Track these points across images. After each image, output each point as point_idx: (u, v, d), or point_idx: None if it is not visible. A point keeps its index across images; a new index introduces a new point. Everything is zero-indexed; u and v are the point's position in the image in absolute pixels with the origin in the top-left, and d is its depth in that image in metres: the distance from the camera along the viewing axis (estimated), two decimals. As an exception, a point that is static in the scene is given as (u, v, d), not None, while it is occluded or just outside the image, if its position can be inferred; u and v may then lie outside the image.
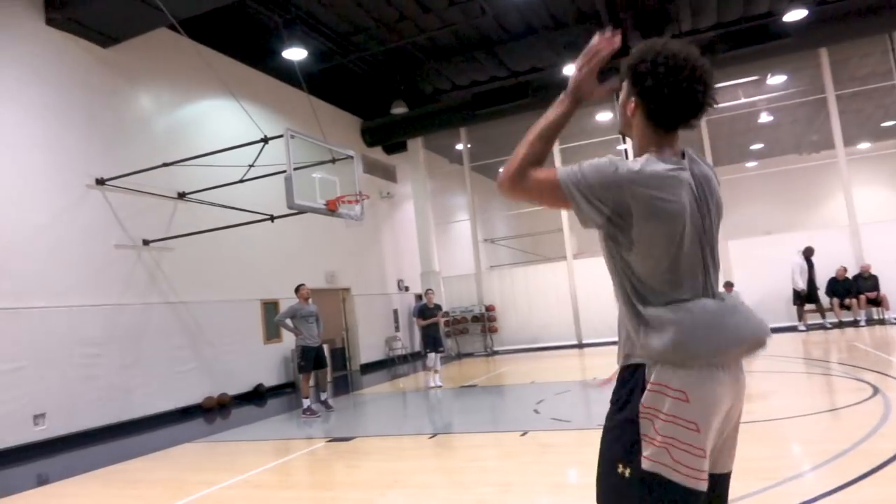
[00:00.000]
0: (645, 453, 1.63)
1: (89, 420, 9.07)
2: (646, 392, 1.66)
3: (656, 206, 1.63)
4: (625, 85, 1.79)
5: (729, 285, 14.58)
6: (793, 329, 14.05)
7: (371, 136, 17.65)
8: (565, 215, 16.61)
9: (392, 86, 16.19)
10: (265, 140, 9.15)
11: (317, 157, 9.87)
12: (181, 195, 11.11)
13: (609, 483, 1.71)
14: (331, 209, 9.28)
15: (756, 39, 13.94)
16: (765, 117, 18.03)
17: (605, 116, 17.07)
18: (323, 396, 9.42)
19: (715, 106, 1.72)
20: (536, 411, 7.46)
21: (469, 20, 13.87)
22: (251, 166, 9.65)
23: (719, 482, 1.82)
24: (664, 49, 1.69)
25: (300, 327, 9.20)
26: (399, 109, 15.97)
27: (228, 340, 11.88)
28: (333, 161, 10.04)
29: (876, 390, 6.43)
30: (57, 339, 8.84)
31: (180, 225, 11.04)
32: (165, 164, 10.15)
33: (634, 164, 1.67)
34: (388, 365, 16.55)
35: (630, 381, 1.72)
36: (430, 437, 6.57)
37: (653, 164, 1.66)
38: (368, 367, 15.99)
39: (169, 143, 11.14)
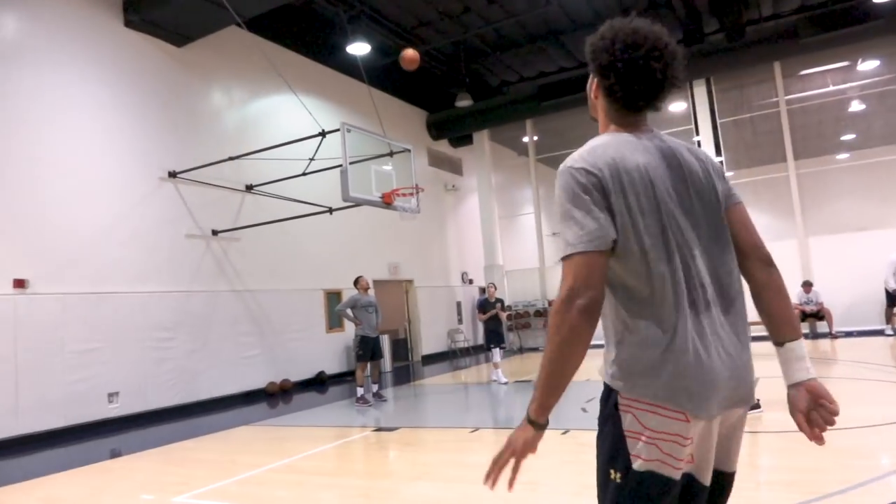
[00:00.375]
0: (632, 451, 1.53)
1: (158, 400, 9.61)
2: (621, 415, 1.56)
3: (620, 182, 1.56)
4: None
5: (808, 285, 13.75)
6: (880, 333, 13.10)
7: (437, 129, 17.72)
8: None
9: (457, 78, 16.19)
10: (322, 134, 9.36)
11: (377, 150, 10.01)
12: (249, 187, 11.54)
13: (603, 493, 1.62)
14: (386, 202, 9.39)
15: (844, 22, 13.01)
16: (856, 106, 16.80)
17: (678, 106, 16.41)
18: (374, 388, 9.57)
19: (677, 85, 1.63)
20: (584, 409, 7.29)
21: (534, 10, 13.65)
22: (311, 160, 9.91)
23: (723, 480, 1.68)
24: (624, 26, 1.63)
25: (360, 317, 9.37)
26: (464, 102, 15.95)
27: (292, 328, 12.28)
28: (391, 154, 10.15)
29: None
30: (131, 323, 9.40)
31: (247, 216, 11.48)
32: (231, 158, 10.57)
33: (576, 157, 1.60)
34: (449, 357, 16.65)
35: (608, 397, 1.62)
36: (472, 432, 6.56)
37: (593, 143, 1.62)
38: (430, 359, 16.13)
39: (238, 138, 11.60)
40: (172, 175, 10.38)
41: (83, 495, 5.18)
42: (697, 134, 15.53)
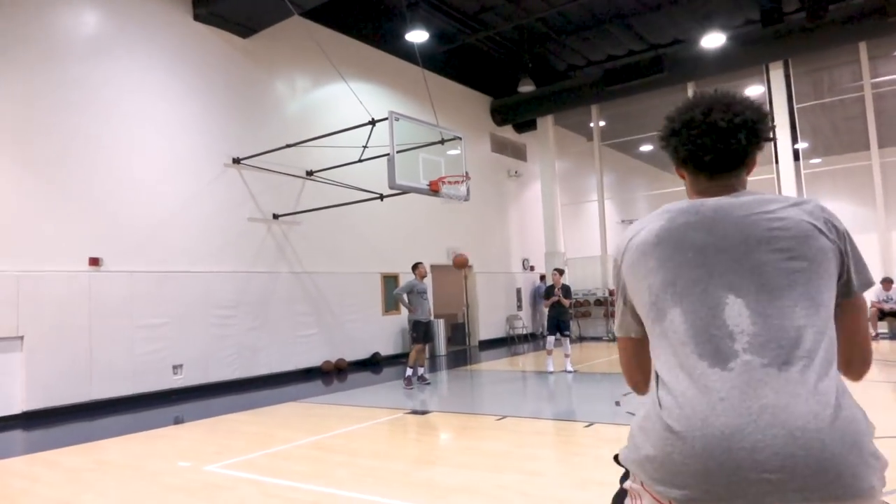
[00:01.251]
0: None
1: (219, 373, 10.23)
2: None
3: (632, 246, 1.46)
4: None
5: (888, 282, 12.89)
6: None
7: (501, 115, 17.65)
8: (701, 198, 15.53)
9: (522, 63, 16.05)
10: (372, 122, 9.58)
11: (430, 137, 10.15)
12: (309, 173, 11.97)
13: None
14: (433, 190, 9.53)
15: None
16: (958, 88, 15.42)
17: (754, 91, 15.60)
18: (420, 371, 9.80)
19: (757, 136, 1.42)
20: (617, 403, 7.24)
21: (602, -7, 13.34)
22: (365, 147, 10.16)
23: None
24: (679, 106, 1.51)
25: (414, 302, 9.61)
26: (526, 87, 15.81)
27: (349, 310, 12.71)
28: (442, 142, 10.27)
29: None
30: (195, 301, 10.03)
31: (307, 201, 11.93)
32: (289, 145, 11.00)
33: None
34: (507, 343, 16.71)
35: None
36: (498, 420, 6.66)
37: (637, 225, 1.51)
38: (487, 344, 16.25)
39: (299, 125, 12.03)
40: (236, 161, 10.92)
41: (130, 459, 5.67)
42: (773, 119, 14.71)
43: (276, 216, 11.50)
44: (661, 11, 14.48)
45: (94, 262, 8.88)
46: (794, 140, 14.75)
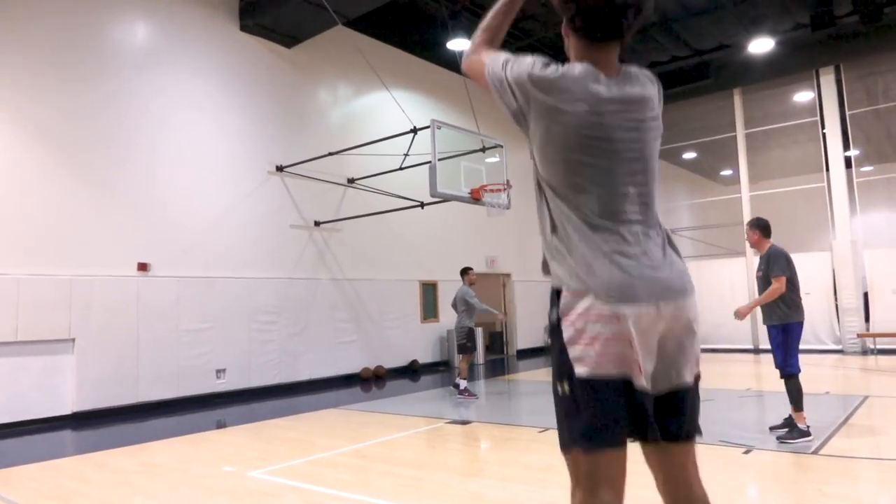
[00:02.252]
0: (573, 358, 1.63)
1: (261, 378, 10.36)
2: (561, 298, 1.70)
3: (543, 108, 1.68)
4: None
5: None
6: None
7: (541, 122, 17.51)
8: (747, 208, 15.18)
9: (562, 70, 15.91)
10: (414, 130, 9.61)
11: (471, 146, 10.14)
12: (350, 181, 12.07)
13: (557, 408, 1.72)
14: (475, 198, 9.49)
15: None
16: None
17: (804, 97, 15.19)
18: (457, 380, 9.72)
19: (640, 16, 1.67)
20: (663, 417, 7.06)
21: (643, -2, 13.13)
22: (406, 155, 10.20)
23: (680, 399, 1.76)
24: None
25: (469, 310, 9.43)
26: (568, 95, 15.67)
27: (388, 317, 12.75)
28: (483, 150, 10.23)
29: None
30: (238, 306, 10.19)
31: (348, 208, 12.03)
32: (331, 154, 11.11)
33: (546, 66, 1.70)
34: (545, 352, 16.53)
35: (554, 303, 1.76)
36: (541, 432, 6.56)
37: (562, 70, 1.68)
38: (525, 353, 16.12)
39: (342, 133, 12.15)
40: (279, 169, 11.08)
41: (176, 462, 5.76)
42: (823, 126, 14.32)
43: (317, 223, 11.62)
44: (707, 16, 14.17)
45: (143, 267, 9.09)
46: (846, 147, 14.29)
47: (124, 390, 8.73)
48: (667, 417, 1.72)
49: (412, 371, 12.89)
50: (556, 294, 1.75)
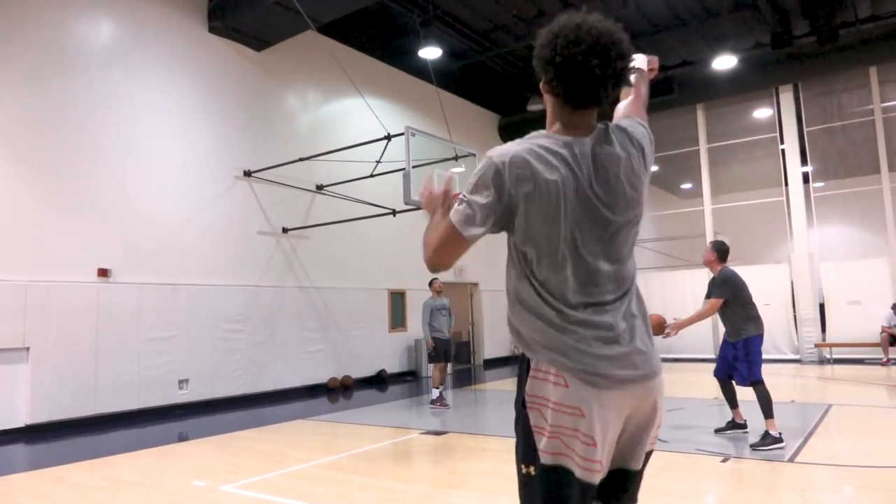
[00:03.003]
0: (539, 446, 1.61)
1: (225, 389, 10.06)
2: (528, 380, 1.65)
3: (522, 186, 1.61)
4: None
5: (901, 306, 12.82)
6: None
7: (508, 133, 17.62)
8: (709, 220, 15.51)
9: (531, 82, 16.06)
10: (388, 137, 9.52)
11: (443, 153, 10.10)
12: (319, 187, 11.89)
13: (521, 489, 1.72)
14: (448, 206, 9.42)
15: (951, 25, 12.02)
16: (965, 115, 15.49)
17: (763, 113, 15.65)
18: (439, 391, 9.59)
19: (621, 84, 1.64)
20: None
21: (611, 13, 13.32)
22: (378, 162, 10.09)
23: (628, 479, 1.75)
24: (569, 21, 1.63)
25: (433, 320, 9.42)
26: (536, 106, 15.82)
27: (356, 326, 12.56)
28: (456, 158, 10.20)
29: None
30: (202, 314, 9.88)
31: (317, 215, 11.83)
32: (301, 159, 10.92)
33: (503, 149, 1.65)
34: (511, 362, 16.54)
35: (520, 369, 1.72)
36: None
37: (522, 144, 1.64)
38: (492, 363, 16.10)
39: (311, 139, 11.97)
40: (247, 174, 10.83)
41: (141, 477, 5.50)
42: (782, 142, 14.76)
43: (285, 230, 11.39)
44: (672, 32, 14.51)
45: (104, 273, 8.74)
46: (804, 162, 14.76)
47: (82, 401, 8.34)
48: (612, 492, 1.74)
49: (380, 381, 12.71)
50: (525, 364, 1.71)
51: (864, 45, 12.85)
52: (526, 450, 1.66)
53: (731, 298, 6.13)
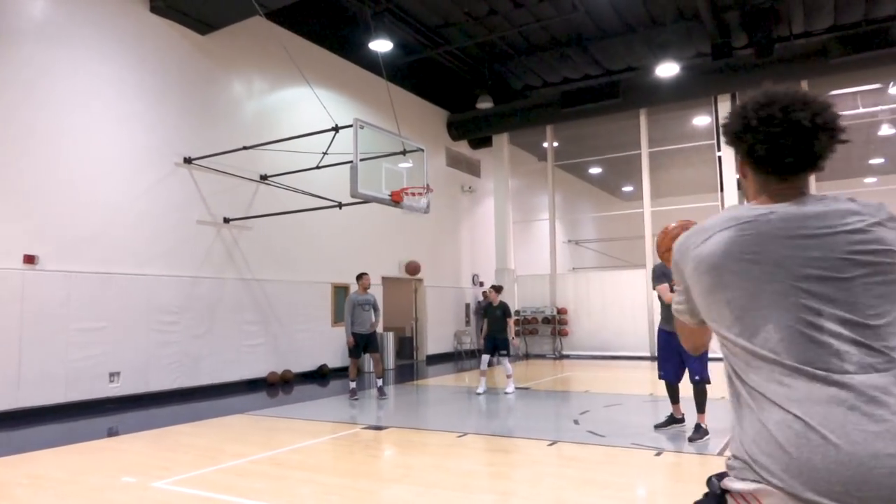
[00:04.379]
0: None
1: (159, 382, 9.71)
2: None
3: (697, 257, 1.41)
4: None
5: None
6: None
7: (457, 130, 17.68)
8: (648, 222, 15.97)
9: (480, 80, 16.15)
10: (336, 129, 9.38)
11: (392, 148, 10.02)
12: (263, 177, 11.61)
13: None
14: (395, 200, 9.39)
15: (876, 44, 12.73)
16: (886, 130, 16.47)
17: (702, 120, 16.20)
18: (378, 383, 9.59)
19: (835, 136, 1.37)
20: (576, 422, 7.24)
21: (561, 15, 13.57)
22: (325, 154, 9.93)
23: None
24: (755, 93, 1.45)
25: (355, 315, 9.43)
26: (485, 104, 15.90)
27: (297, 320, 12.34)
28: (405, 153, 10.15)
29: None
30: (136, 305, 9.51)
31: (260, 206, 11.56)
32: (246, 147, 10.64)
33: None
34: (454, 358, 16.62)
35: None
36: (459, 437, 6.53)
37: (716, 217, 1.44)
38: (434, 359, 16.11)
39: (256, 128, 11.68)
40: (188, 161, 10.48)
41: (66, 474, 5.25)
42: (719, 149, 15.33)
43: (226, 220, 11.08)
44: (619, 38, 14.86)
45: (30, 259, 8.29)
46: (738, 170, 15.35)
47: (2, 394, 7.89)
48: None
49: (321, 376, 12.53)
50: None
51: (797, 60, 13.46)
52: None
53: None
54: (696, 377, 6.15)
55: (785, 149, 1.37)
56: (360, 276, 9.84)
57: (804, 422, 1.21)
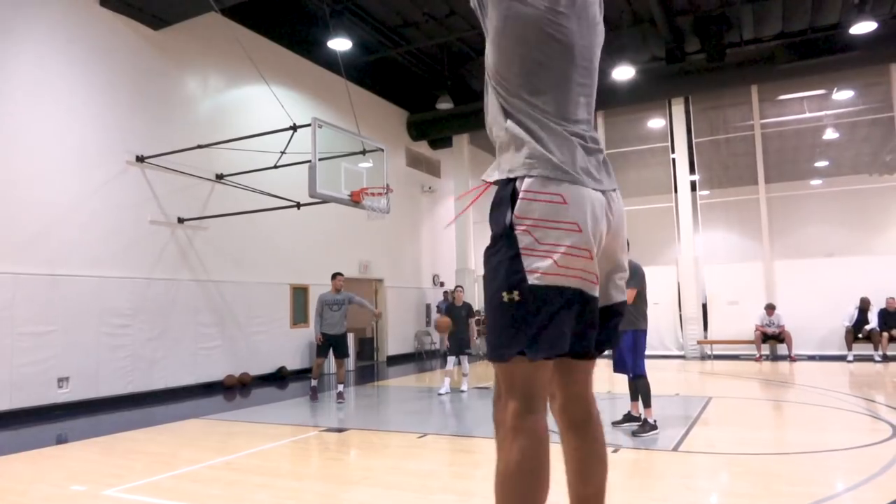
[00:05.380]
0: (528, 268, 1.58)
1: (111, 387, 9.44)
2: (518, 202, 1.65)
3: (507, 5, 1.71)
4: None
5: (771, 308, 13.94)
6: (842, 358, 13.31)
7: (417, 130, 17.67)
8: (606, 222, 16.20)
9: (440, 81, 16.17)
10: (294, 128, 9.27)
11: (351, 147, 9.96)
12: (219, 177, 11.40)
13: (500, 317, 1.63)
14: (354, 200, 9.34)
15: (821, 51, 13.22)
16: (830, 134, 17.09)
17: (657, 123, 16.54)
18: (339, 388, 9.45)
19: None
20: (535, 421, 7.30)
21: (519, 18, 13.66)
22: (283, 153, 9.81)
23: (613, 312, 1.82)
24: None
25: (325, 315, 9.30)
26: (445, 105, 15.91)
27: (255, 321, 12.16)
28: (364, 153, 10.11)
29: (894, 433, 5.99)
30: (87, 308, 9.23)
31: (216, 205, 11.34)
32: (201, 146, 10.43)
33: None
34: (415, 359, 16.60)
35: (503, 193, 1.74)
36: (420, 437, 6.53)
37: None
38: (395, 360, 16.08)
39: (211, 126, 11.46)
40: (140, 159, 10.21)
41: (11, 483, 5.06)
42: (673, 151, 15.68)
43: (181, 220, 10.84)
44: (576, 41, 15.05)
45: (-29, 261, 7.97)
46: (692, 171, 15.74)
47: (-58, 402, 7.57)
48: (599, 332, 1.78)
49: (280, 378, 12.37)
50: (510, 193, 1.71)
51: (748, 65, 13.88)
52: (511, 274, 1.62)
53: (642, 290, 6.32)
54: (631, 374, 6.32)
55: None
56: (333, 276, 9.62)
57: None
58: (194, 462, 5.64)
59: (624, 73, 14.14)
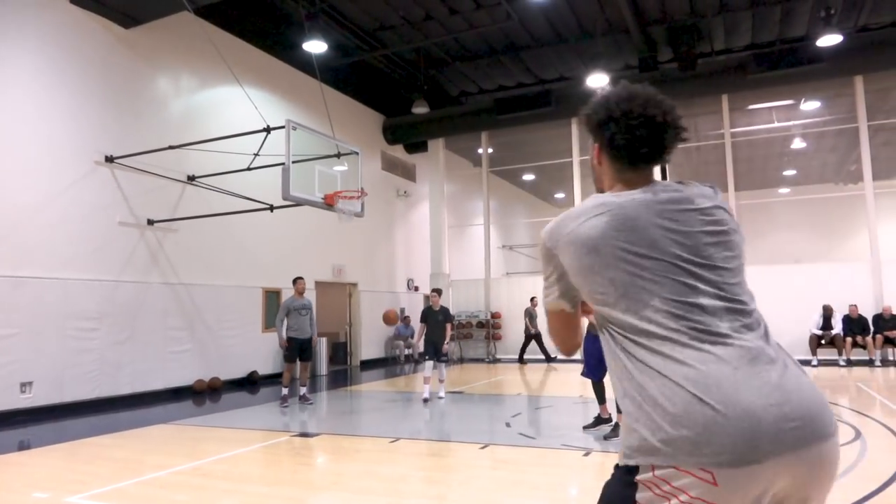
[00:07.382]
0: None
1: (76, 392, 9.23)
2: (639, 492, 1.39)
3: (575, 240, 1.49)
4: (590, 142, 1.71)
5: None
6: (807, 364, 13.57)
7: (392, 134, 17.65)
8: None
9: (416, 85, 16.17)
10: (267, 130, 9.19)
11: (325, 150, 9.90)
12: (190, 178, 11.24)
13: None
14: (328, 203, 9.28)
15: (790, 62, 13.52)
16: (798, 143, 17.48)
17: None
18: (302, 391, 9.40)
19: (681, 135, 1.58)
20: (508, 424, 7.33)
21: (495, 23, 13.75)
22: (256, 155, 9.71)
23: None
24: (616, 88, 1.62)
25: (291, 320, 9.23)
26: (420, 109, 15.91)
27: (226, 325, 11.99)
28: (339, 156, 10.05)
29: (857, 435, 6.13)
30: (52, 311, 9.01)
31: (187, 208, 11.17)
32: (172, 147, 10.28)
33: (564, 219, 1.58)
34: (389, 363, 16.53)
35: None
36: (391, 442, 6.49)
37: (583, 205, 1.55)
38: (369, 364, 15.99)
39: (182, 127, 11.30)
40: (109, 160, 10.02)
41: (-30, 490, 4.91)
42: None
43: (150, 222, 10.65)
44: (551, 48, 15.20)
45: (-69, 262, 7.73)
46: (664, 178, 15.91)
47: None
48: None
49: (251, 383, 12.21)
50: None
51: (718, 75, 14.14)
52: None
53: None
54: (594, 378, 6.43)
55: (641, 139, 1.54)
56: (295, 280, 9.61)
57: (693, 394, 1.30)
58: (161, 468, 5.53)
59: (598, 80, 14.28)
